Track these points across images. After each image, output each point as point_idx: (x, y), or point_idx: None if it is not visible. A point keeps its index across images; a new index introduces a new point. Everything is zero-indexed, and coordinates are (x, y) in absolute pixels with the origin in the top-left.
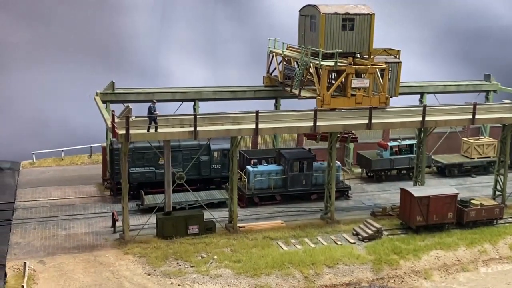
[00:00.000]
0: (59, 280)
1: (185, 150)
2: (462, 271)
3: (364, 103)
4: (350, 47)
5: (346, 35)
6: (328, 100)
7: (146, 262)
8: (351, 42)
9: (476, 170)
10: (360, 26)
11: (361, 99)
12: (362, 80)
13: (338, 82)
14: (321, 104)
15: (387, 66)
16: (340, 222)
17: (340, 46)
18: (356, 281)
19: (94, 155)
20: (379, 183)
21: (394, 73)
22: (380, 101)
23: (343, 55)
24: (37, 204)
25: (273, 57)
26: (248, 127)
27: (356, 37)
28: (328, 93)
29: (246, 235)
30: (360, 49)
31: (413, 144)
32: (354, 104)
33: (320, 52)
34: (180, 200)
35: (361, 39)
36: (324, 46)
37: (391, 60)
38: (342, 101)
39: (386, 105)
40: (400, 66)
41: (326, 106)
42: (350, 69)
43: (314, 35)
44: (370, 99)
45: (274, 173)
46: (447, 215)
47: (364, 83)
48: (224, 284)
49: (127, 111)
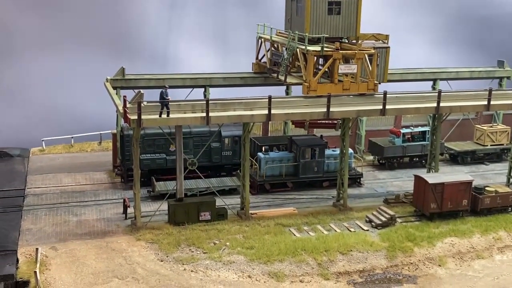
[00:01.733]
0: (72, 266)
1: (196, 137)
2: (477, 259)
3: (352, 90)
4: (337, 31)
5: (332, 19)
6: (315, 87)
7: (158, 249)
8: (337, 26)
9: (489, 157)
10: (346, 10)
11: (348, 85)
12: (350, 66)
13: (325, 68)
14: (307, 91)
15: (376, 51)
16: (352, 209)
17: (326, 31)
18: (370, 268)
19: (103, 142)
20: (391, 170)
21: (383, 58)
22: (368, 87)
23: (330, 40)
24: (48, 191)
25: (262, 43)
26: (260, 113)
27: (342, 22)
28: (315, 79)
29: (258, 222)
30: (347, 34)
31: (425, 131)
32: (342, 91)
33: (306, 37)
34: (191, 187)
35: (348, 24)
36: (310, 31)
37: (379, 45)
38: (329, 87)
39: (374, 91)
40: (388, 52)
41: (312, 92)
42: (337, 55)
43: (300, 19)
44: (358, 86)
45: (285, 160)
46: (461, 202)
47: (351, 69)
48: (237, 270)
49: (138, 96)
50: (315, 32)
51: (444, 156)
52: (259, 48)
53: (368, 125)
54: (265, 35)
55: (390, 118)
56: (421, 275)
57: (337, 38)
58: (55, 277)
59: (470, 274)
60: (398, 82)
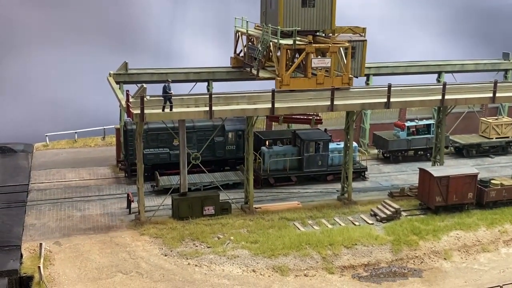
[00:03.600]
0: (75, 261)
1: (200, 131)
2: (483, 252)
3: (326, 84)
4: (311, 24)
5: (306, 12)
6: (287, 81)
7: (162, 243)
8: (312, 19)
9: (495, 150)
10: (321, 3)
11: (322, 80)
12: (323, 60)
13: (298, 62)
14: (279, 85)
15: (350, 44)
16: (357, 203)
17: (300, 24)
18: (375, 262)
19: (107, 137)
20: (396, 164)
21: (360, 52)
22: (342, 81)
23: (305, 33)
24: (51, 186)
25: (239, 37)
26: (264, 107)
27: (317, 14)
28: (287, 74)
29: (262, 216)
30: (322, 27)
31: (430, 124)
32: (315, 85)
33: (279, 30)
34: (195, 181)
35: (323, 16)
36: (283, 24)
37: (356, 38)
38: (302, 82)
39: (349, 85)
40: (365, 45)
41: (285, 87)
42: (310, 48)
43: (274, 12)
44: (332, 80)
45: (289, 154)
46: (467, 195)
47: (325, 63)
48: (242, 264)
49: (141, 91)
50: (289, 25)
51: (449, 149)
52: (237, 42)
53: (372, 119)
54: (242, 29)
55: (395, 112)
56: (426, 269)
57: (312, 31)
58: (59, 272)
59: (475, 267)
60: (402, 75)
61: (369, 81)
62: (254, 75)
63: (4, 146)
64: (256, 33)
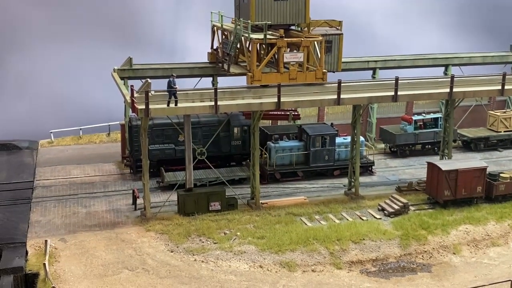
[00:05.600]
0: (81, 257)
1: (205, 127)
2: (492, 246)
3: (299, 79)
4: (284, 18)
5: (279, 5)
6: (259, 76)
7: (168, 239)
8: (285, 13)
9: (503, 143)
10: None
11: (295, 75)
12: (296, 54)
13: (269, 56)
14: (251, 81)
15: (323, 38)
16: (364, 198)
17: (273, 18)
18: (383, 257)
19: (112, 133)
20: (403, 158)
21: (336, 46)
22: (316, 76)
23: (278, 27)
24: (57, 183)
25: (215, 32)
26: (270, 101)
27: (290, 8)
28: (258, 69)
29: (268, 212)
30: (295, 21)
31: (437, 118)
32: (288, 80)
33: (249, 24)
34: (200, 177)
35: (296, 10)
36: (256, 18)
37: (332, 32)
38: (274, 77)
39: (323, 80)
40: (341, 38)
41: (256, 82)
42: (281, 42)
43: (247, 6)
44: (306, 75)
45: (295, 149)
46: (475, 189)
47: (297, 57)
48: (248, 260)
49: (146, 86)
50: (261, 19)
51: (457, 143)
52: (213, 37)
53: (379, 113)
54: (218, 23)
55: (401, 105)
56: (435, 264)
57: (286, 25)
58: (64, 269)
59: (485, 261)
60: (409, 68)
61: (376, 75)
62: (226, 71)
63: (9, 143)
64: (231, 28)
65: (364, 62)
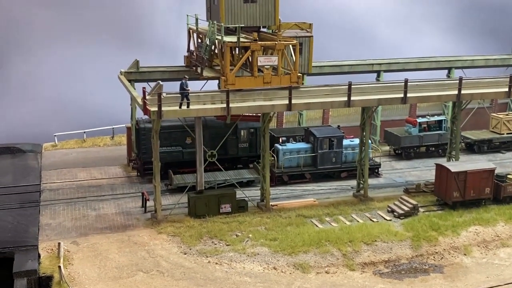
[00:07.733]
0: (95, 260)
1: (212, 129)
2: (502, 247)
3: (274, 83)
4: (254, 20)
5: (248, 7)
6: (232, 80)
7: (180, 241)
8: (254, 15)
9: (506, 146)
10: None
11: (269, 79)
12: (270, 58)
13: (242, 60)
14: (224, 85)
15: (297, 42)
16: (373, 200)
17: (243, 20)
18: (395, 258)
19: (116, 137)
20: (408, 160)
21: (306, 48)
22: (291, 80)
23: (249, 29)
24: (64, 186)
25: (191, 35)
26: (281, 103)
27: (259, 10)
28: (232, 73)
29: (279, 214)
30: (264, 23)
31: (442, 120)
32: (262, 84)
33: (222, 27)
34: (209, 179)
35: (265, 12)
36: (226, 20)
37: (302, 34)
38: (248, 81)
39: (298, 84)
40: (312, 41)
41: (230, 86)
42: (255, 46)
43: (217, 8)
44: (280, 78)
45: (303, 151)
46: (484, 191)
47: (272, 61)
48: (262, 262)
49: (158, 88)
50: (231, 22)
51: (460, 145)
52: (189, 39)
53: (382, 115)
54: (194, 26)
55: (405, 108)
56: (447, 264)
57: (255, 27)
58: (78, 271)
59: (496, 262)
60: (413, 71)
61: (380, 77)
62: (199, 74)
63: (13, 146)
64: (206, 31)
65: (368, 65)
